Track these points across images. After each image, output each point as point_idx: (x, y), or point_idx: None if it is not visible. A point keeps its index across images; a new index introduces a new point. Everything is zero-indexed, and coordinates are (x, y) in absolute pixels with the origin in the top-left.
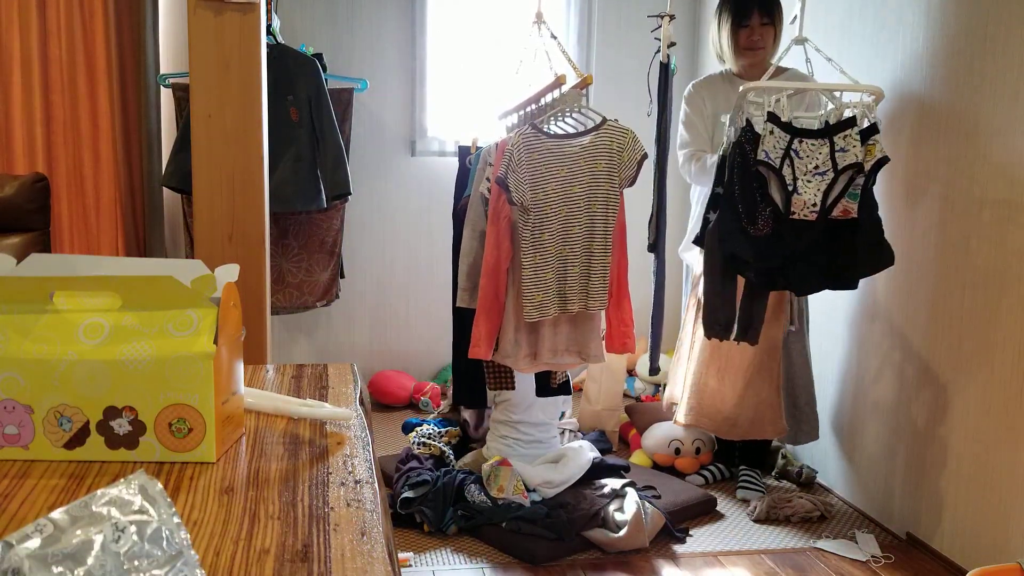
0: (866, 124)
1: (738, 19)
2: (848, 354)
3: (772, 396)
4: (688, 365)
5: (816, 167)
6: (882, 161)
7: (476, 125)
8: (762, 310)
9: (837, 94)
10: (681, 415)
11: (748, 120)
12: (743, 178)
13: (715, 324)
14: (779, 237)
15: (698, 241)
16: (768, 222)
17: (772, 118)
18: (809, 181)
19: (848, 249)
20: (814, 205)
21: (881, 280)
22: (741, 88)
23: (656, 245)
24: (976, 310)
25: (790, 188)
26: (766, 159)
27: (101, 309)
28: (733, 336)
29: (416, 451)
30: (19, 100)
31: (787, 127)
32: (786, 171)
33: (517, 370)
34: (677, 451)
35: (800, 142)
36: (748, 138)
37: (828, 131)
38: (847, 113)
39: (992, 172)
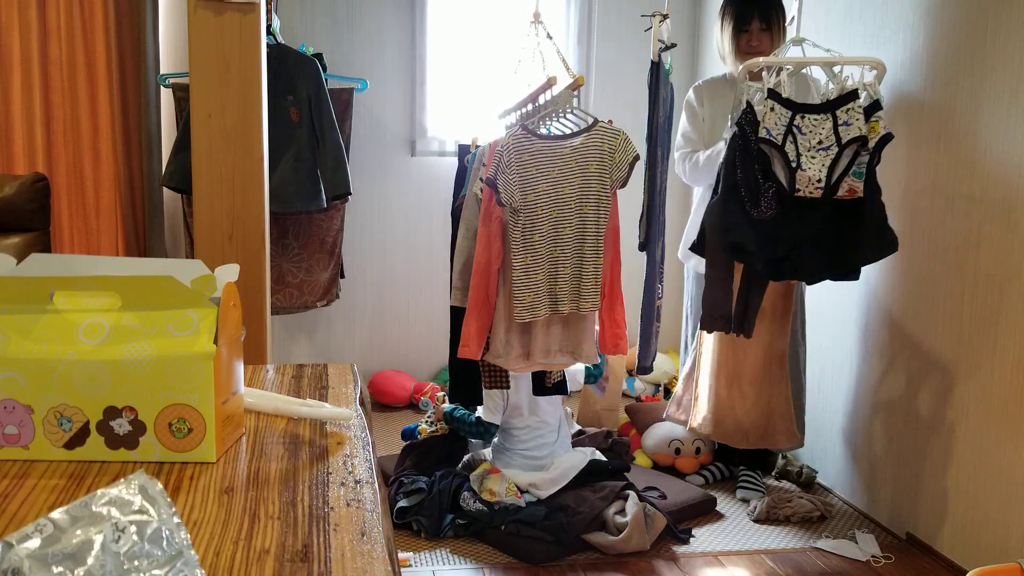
0: (869, 101)
1: (738, 24)
2: (849, 354)
3: (783, 406)
4: (699, 374)
5: (819, 142)
6: (886, 138)
7: (476, 125)
8: (757, 303)
9: (837, 70)
10: (698, 426)
11: (748, 102)
12: (745, 160)
13: (717, 317)
14: (784, 219)
15: (696, 249)
16: (772, 203)
17: (772, 95)
18: (813, 157)
19: (854, 232)
20: (819, 181)
21: (882, 280)
22: (740, 68)
23: (647, 244)
24: (976, 311)
25: (794, 165)
26: (768, 136)
27: (101, 309)
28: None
29: (429, 431)
30: (19, 100)
31: (788, 103)
32: (789, 148)
33: (509, 370)
34: (677, 451)
35: (802, 118)
36: (748, 119)
37: (830, 106)
38: (848, 85)
39: (993, 171)
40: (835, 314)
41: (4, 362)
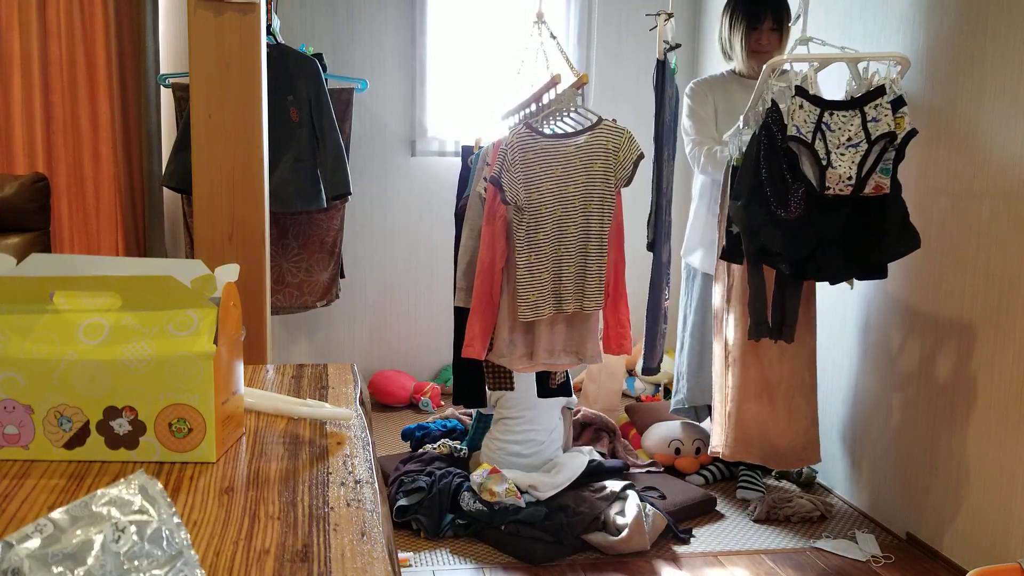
0: (893, 96)
1: (751, 23)
2: (849, 353)
3: (815, 415)
4: (723, 387)
5: (849, 139)
6: (911, 133)
7: (476, 125)
8: (795, 306)
9: (863, 66)
10: (722, 448)
11: (773, 100)
12: (771, 159)
13: (761, 323)
14: (809, 219)
15: (729, 256)
16: (801, 202)
17: (800, 91)
18: (843, 154)
19: (878, 230)
20: (849, 178)
21: (885, 281)
22: (764, 66)
23: (654, 244)
24: (977, 312)
25: (824, 162)
26: (797, 134)
27: (101, 309)
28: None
29: (432, 450)
30: (19, 100)
31: (816, 100)
32: (818, 145)
33: (513, 370)
34: (677, 451)
35: (831, 115)
36: (775, 118)
37: (858, 102)
38: (876, 81)
39: (995, 172)
40: (835, 314)
41: (4, 362)
